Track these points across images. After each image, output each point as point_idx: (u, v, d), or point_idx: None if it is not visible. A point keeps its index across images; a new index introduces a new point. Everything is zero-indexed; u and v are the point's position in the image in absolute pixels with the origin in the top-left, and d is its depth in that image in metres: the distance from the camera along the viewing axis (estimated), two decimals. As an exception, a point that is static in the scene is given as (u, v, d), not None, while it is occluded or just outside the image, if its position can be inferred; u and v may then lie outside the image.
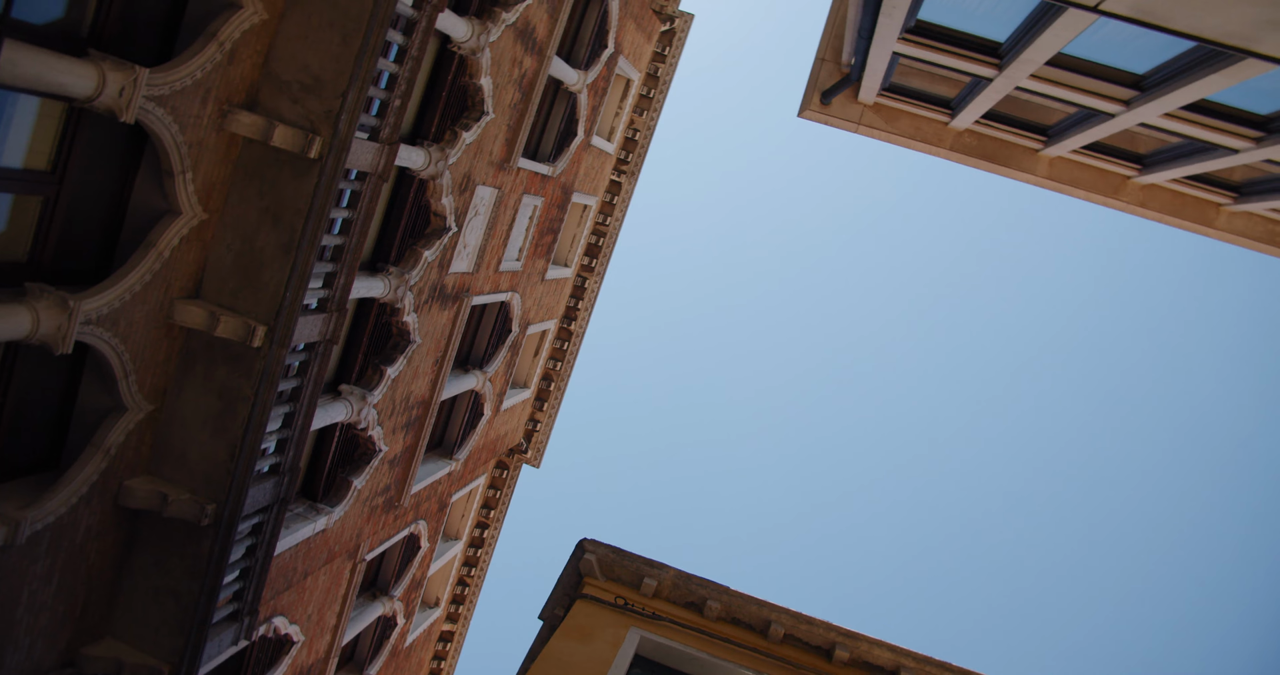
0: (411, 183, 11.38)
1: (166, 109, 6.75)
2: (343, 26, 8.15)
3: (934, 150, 13.48)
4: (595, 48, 16.08)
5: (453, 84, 11.52)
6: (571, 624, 11.23)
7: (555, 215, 17.06)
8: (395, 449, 13.12)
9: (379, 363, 11.83)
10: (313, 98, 8.26)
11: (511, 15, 11.68)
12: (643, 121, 20.16)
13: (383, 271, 11.23)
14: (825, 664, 11.63)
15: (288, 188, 8.30)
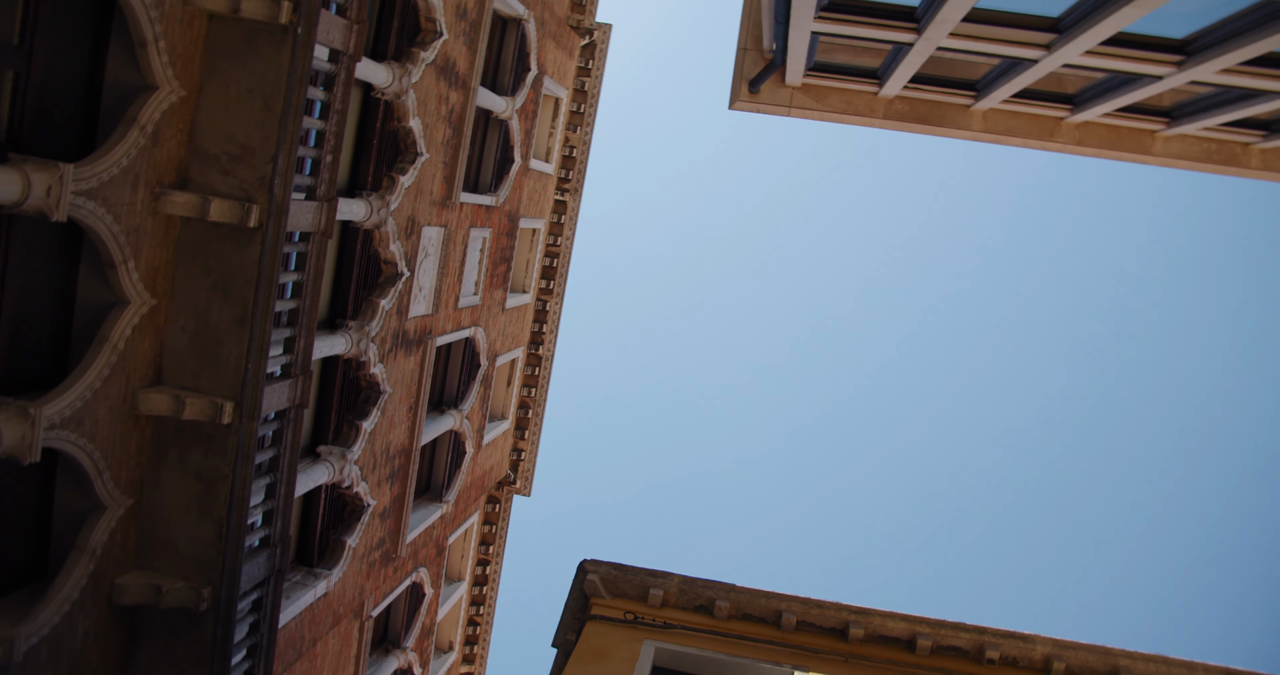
0: (357, 234, 11.33)
1: (98, 201, 6.69)
2: (262, 91, 8.12)
3: (868, 121, 13.59)
4: (519, 72, 16.08)
5: (382, 130, 11.48)
6: (585, 647, 11.21)
7: (506, 244, 17.04)
8: (383, 501, 13.03)
9: (353, 418, 11.76)
10: (243, 167, 8.21)
11: (430, 53, 11.66)
12: (578, 137, 20.18)
13: (342, 327, 11.17)
14: (841, 644, 11.68)
15: (233, 260, 8.24)
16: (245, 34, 8.00)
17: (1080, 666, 11.54)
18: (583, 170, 20.49)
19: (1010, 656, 11.66)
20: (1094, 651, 11.48)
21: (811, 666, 11.20)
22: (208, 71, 7.91)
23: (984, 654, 11.56)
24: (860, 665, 11.39)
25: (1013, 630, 11.59)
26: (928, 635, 11.60)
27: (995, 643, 11.54)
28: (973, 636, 11.62)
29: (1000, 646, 11.56)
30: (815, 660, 11.38)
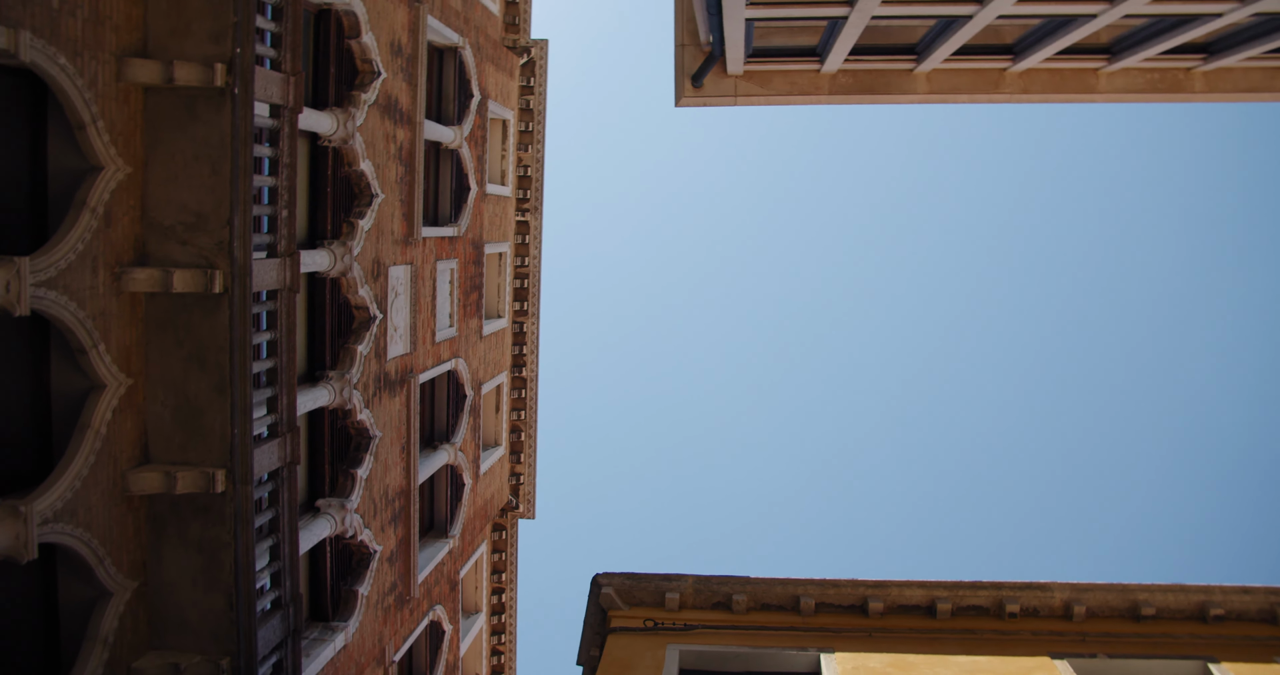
0: (324, 284, 11.29)
1: (59, 290, 6.65)
2: (208, 156, 8.09)
3: (815, 99, 13.67)
4: (462, 99, 16.07)
5: (334, 176, 11.45)
6: (610, 660, 11.18)
7: (474, 272, 17.01)
8: (389, 545, 12.98)
9: (347, 467, 11.71)
10: (200, 234, 8.18)
11: (371, 94, 11.64)
12: (530, 156, 20.18)
13: (323, 378, 11.12)
14: (863, 619, 11.70)
15: (203, 328, 8.20)
16: (183, 102, 7.98)
17: (1100, 606, 11.60)
18: (540, 188, 20.49)
19: (1030, 607, 11.70)
20: (1111, 590, 11.55)
21: (837, 646, 11.20)
22: (151, 144, 7.87)
23: (1004, 609, 11.60)
24: (884, 638, 11.42)
25: (1029, 581, 11.64)
26: (946, 598, 11.63)
27: (1014, 596, 11.59)
28: (991, 593, 11.66)
29: (1019, 599, 11.60)
30: (839, 640, 11.39)
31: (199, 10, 7.99)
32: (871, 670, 10.70)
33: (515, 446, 20.28)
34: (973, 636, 11.47)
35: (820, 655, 11.07)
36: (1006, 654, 10.99)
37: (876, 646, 11.27)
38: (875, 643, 11.35)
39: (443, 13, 14.52)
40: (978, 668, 10.75)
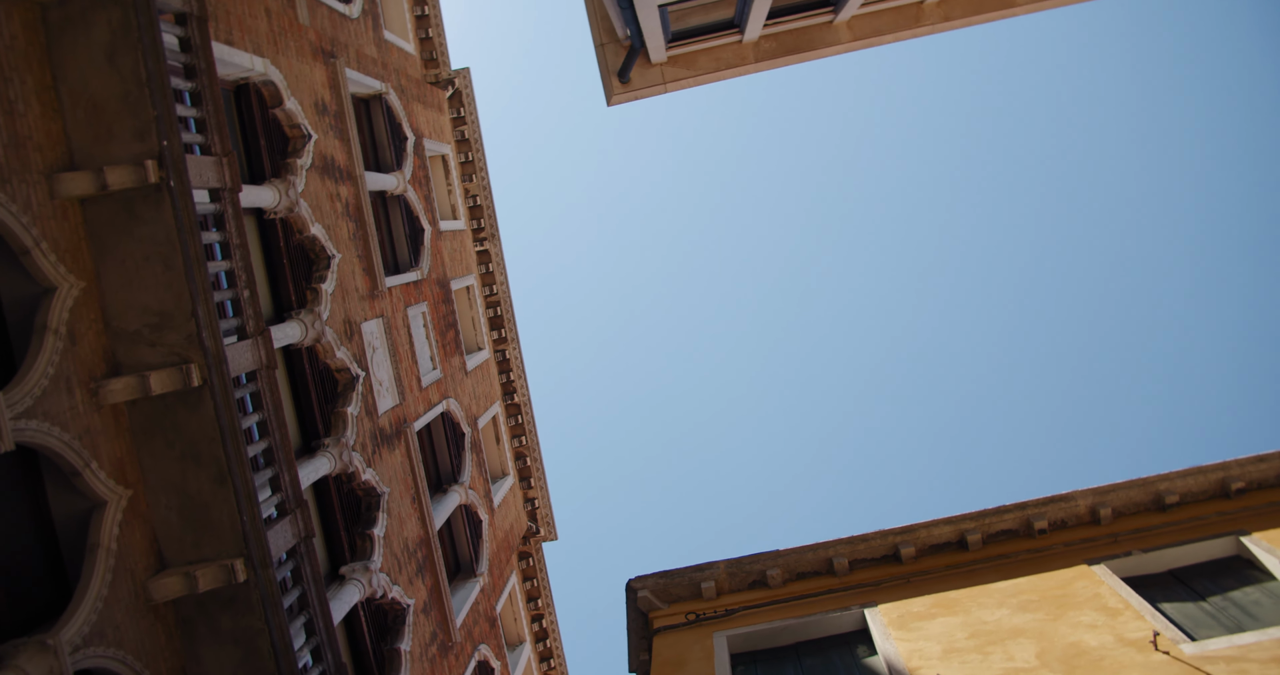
0: (301, 354, 11.23)
1: (39, 418, 6.58)
2: (159, 254, 8.03)
3: (743, 70, 13.67)
4: (397, 144, 16.01)
5: (288, 246, 11.38)
6: (660, 661, 11.15)
7: (446, 310, 16.96)
8: (421, 596, 12.94)
9: (363, 529, 11.66)
10: (167, 331, 8.12)
11: (306, 159, 11.58)
12: (476, 185, 20.12)
13: (320, 447, 11.07)
14: (898, 567, 11.72)
15: (190, 424, 8.14)
16: (122, 205, 7.91)
17: (1125, 505, 11.64)
18: (493, 214, 20.44)
19: (1058, 520, 11.73)
20: (1132, 486, 11.58)
21: (878, 599, 11.20)
22: (99, 253, 7.80)
23: (1033, 527, 11.62)
24: (923, 581, 11.43)
25: (1051, 495, 11.65)
26: (974, 529, 11.66)
27: (1039, 512, 11.61)
28: (1016, 514, 11.68)
29: (1045, 514, 11.62)
30: (879, 592, 11.39)
31: (117, 112, 7.92)
32: (916, 615, 10.70)
33: (523, 472, 20.25)
34: (1008, 561, 11.47)
35: (864, 611, 11.06)
36: (1044, 571, 11.01)
37: (916, 591, 11.27)
38: (915, 587, 11.35)
39: (360, 62, 14.45)
40: (1018, 590, 10.76)
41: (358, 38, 14.65)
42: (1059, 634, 9.63)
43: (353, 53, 14.12)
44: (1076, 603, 10.16)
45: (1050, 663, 9.16)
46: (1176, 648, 8.90)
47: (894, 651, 10.06)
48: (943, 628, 10.26)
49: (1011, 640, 9.75)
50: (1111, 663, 8.88)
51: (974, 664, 9.48)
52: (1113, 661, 8.90)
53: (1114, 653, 9.03)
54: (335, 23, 13.63)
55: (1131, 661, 8.83)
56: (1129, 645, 9.10)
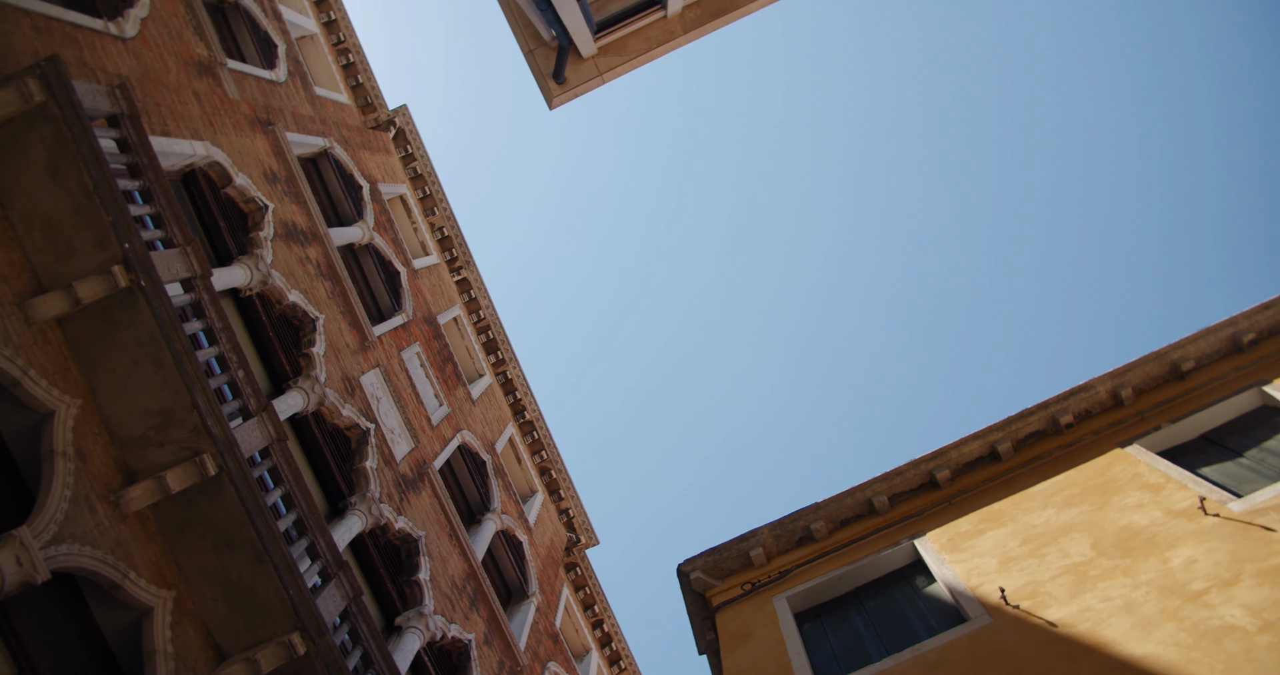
0: (308, 420, 11.22)
1: (67, 542, 6.57)
2: (147, 356, 8.01)
3: (674, 43, 13.62)
4: (353, 194, 15.96)
5: (271, 318, 11.36)
6: (727, 637, 11.11)
7: (439, 346, 16.95)
8: (480, 629, 12.97)
9: (408, 577, 11.67)
10: (172, 428, 8.11)
11: (267, 230, 11.54)
12: (440, 217, 20.08)
13: (347, 507, 11.07)
14: (937, 492, 11.68)
15: (216, 512, 8.15)
16: (99, 316, 7.89)
17: (1144, 381, 11.52)
18: (463, 242, 20.40)
19: (1082, 411, 11.62)
20: (1146, 361, 11.43)
21: (924, 527, 11.17)
22: (88, 367, 7.78)
23: (1059, 423, 11.52)
24: (964, 500, 11.36)
25: (1069, 388, 11.54)
26: (1003, 438, 11.58)
27: (1062, 407, 11.51)
28: (1039, 414, 11.58)
29: (1068, 407, 11.52)
30: (924, 520, 11.34)
31: (72, 225, 7.89)
32: (965, 534, 10.66)
33: (551, 486, 20.28)
34: (1042, 462, 11.38)
35: (913, 542, 11.02)
36: (1079, 463, 10.93)
37: (960, 511, 11.21)
38: (957, 508, 11.29)
39: (298, 123, 14.40)
40: (1059, 488, 10.69)
41: (290, 100, 14.59)
42: (1108, 521, 9.58)
43: (289, 116, 14.07)
44: (1118, 487, 10.08)
45: (1106, 550, 9.13)
46: (1225, 507, 8.86)
47: (951, 575, 10.02)
48: (993, 541, 10.22)
49: (1063, 537, 9.70)
50: (1165, 536, 8.85)
51: (1032, 568, 9.45)
52: (1166, 535, 8.87)
53: (1165, 526, 9.00)
54: (265, 90, 13.58)
55: (1184, 531, 8.80)
56: (1179, 516, 9.07)
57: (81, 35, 9.33)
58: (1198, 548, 8.48)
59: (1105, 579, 8.75)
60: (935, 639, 9.13)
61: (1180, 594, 8.02)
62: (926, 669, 8.81)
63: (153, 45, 10.66)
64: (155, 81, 10.48)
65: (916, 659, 9.00)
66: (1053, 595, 8.88)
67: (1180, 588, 8.09)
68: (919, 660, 8.96)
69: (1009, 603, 9.05)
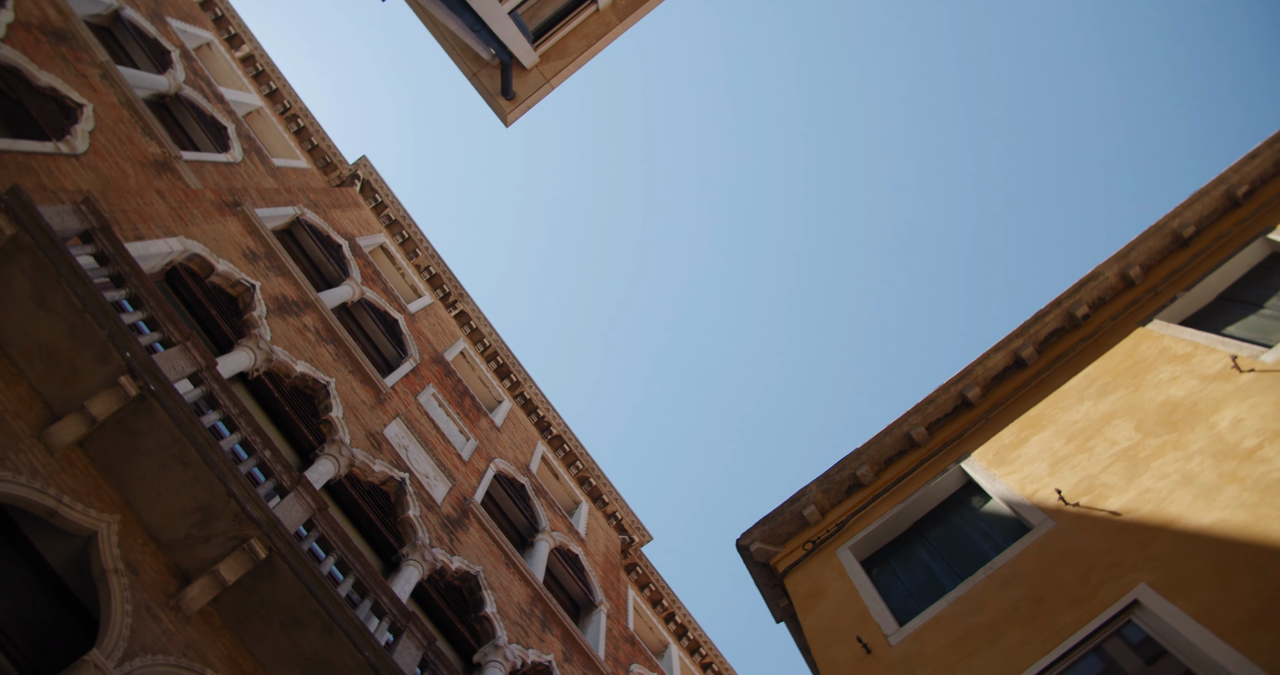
0: (342, 484, 11.25)
1: (139, 656, 6.61)
2: (173, 457, 8.04)
3: (612, 35, 13.54)
4: (334, 254, 15.97)
5: (283, 392, 11.38)
6: (801, 599, 11.01)
7: (453, 382, 16.97)
8: (556, 648, 13.01)
9: (475, 613, 11.71)
10: (214, 521, 8.14)
11: (260, 308, 11.56)
12: (423, 257, 20.08)
13: (401, 558, 11.11)
14: (972, 411, 11.51)
15: (276, 594, 8.18)
16: (117, 428, 7.91)
17: (1149, 257, 11.27)
18: (452, 277, 20.40)
19: (1095, 299, 11.40)
20: (1147, 237, 11.17)
21: (968, 448, 10.99)
22: (119, 482, 7.81)
23: (1076, 317, 11.29)
24: (1001, 413, 11.19)
25: (1078, 280, 11.31)
26: (1024, 343, 11.41)
27: (1075, 300, 11.28)
28: (1055, 312, 11.36)
29: (1080, 298, 11.30)
30: (966, 442, 11.16)
31: (71, 347, 7.91)
32: (1009, 446, 10.52)
33: (593, 494, 20.30)
34: (1068, 358, 11.18)
35: (960, 465, 10.83)
36: (1105, 351, 10.73)
37: (998, 425, 11.04)
38: (996, 422, 11.12)
39: (264, 198, 14.40)
40: (1091, 380, 10.51)
41: (252, 177, 14.59)
42: (1146, 400, 9.40)
43: (254, 192, 14.07)
44: (1148, 365, 9.91)
45: (1151, 429, 8.97)
46: (1258, 361, 8.68)
47: (1005, 488, 9.87)
48: (1039, 446, 10.07)
49: (1106, 427, 9.52)
50: (1206, 402, 8.70)
51: (1083, 464, 9.30)
52: (1207, 400, 8.71)
53: (1204, 393, 8.84)
54: (225, 173, 13.58)
55: (1223, 393, 8.62)
56: (1214, 379, 8.88)
57: (35, 161, 9.34)
58: (1241, 406, 8.30)
59: (1157, 458, 8.58)
60: (1004, 554, 8.96)
61: (1234, 455, 7.87)
62: (1002, 585, 8.68)
63: (106, 155, 10.66)
64: (117, 189, 10.49)
65: (990, 578, 8.86)
66: (1109, 485, 8.73)
67: (1233, 449, 7.93)
68: (993, 578, 8.84)
69: (1068, 502, 8.89)
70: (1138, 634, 7.19)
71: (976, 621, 8.62)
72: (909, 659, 8.93)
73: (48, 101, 10.50)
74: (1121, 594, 7.50)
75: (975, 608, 8.71)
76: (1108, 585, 7.75)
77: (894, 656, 9.12)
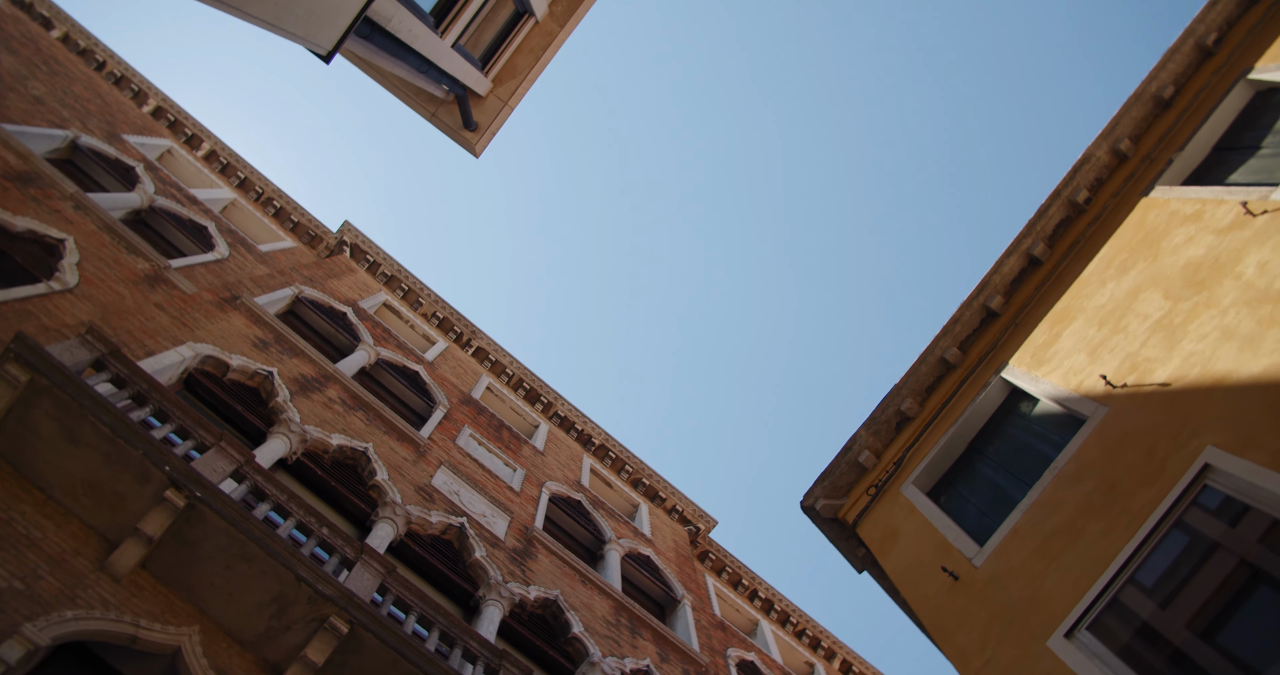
0: (404, 542, 11.30)
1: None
2: (235, 554, 8.13)
3: (559, 43, 13.54)
4: (341, 323, 16.03)
5: (325, 468, 11.45)
6: (877, 544, 10.83)
7: (486, 419, 17.02)
8: (650, 651, 13.04)
9: (564, 637, 11.74)
10: (291, 607, 8.21)
11: (281, 394, 11.63)
12: (428, 305, 20.14)
13: (479, 601, 11.16)
14: (999, 321, 11.18)
15: (368, 664, 8.32)
16: (175, 542, 7.99)
17: (1135, 126, 10.67)
18: (461, 318, 20.45)
19: (1093, 181, 10.85)
20: (1130, 106, 10.88)
21: (1004, 358, 10.66)
22: (188, 592, 7.90)
23: (1078, 202, 10.95)
24: (1028, 316, 10.86)
25: (1070, 167, 11.06)
26: (1034, 241, 10.96)
27: (1073, 188, 10.79)
28: (1056, 203, 10.84)
29: (1078, 183, 10.79)
30: (1001, 352, 10.82)
31: (111, 475, 7.97)
32: (1042, 345, 10.27)
33: (649, 493, 20.31)
34: (1080, 246, 10.86)
35: (1000, 376, 10.57)
36: (1114, 230, 10.45)
37: (1029, 327, 10.75)
38: (1025, 326, 10.83)
39: (260, 285, 14.48)
40: (1108, 261, 10.25)
41: (243, 268, 14.68)
42: (1167, 267, 9.15)
43: (249, 283, 14.16)
44: (1160, 232, 9.66)
45: (1180, 294, 8.73)
46: (1269, 201, 8.37)
47: (1050, 387, 9.64)
48: (1072, 338, 9.86)
49: (1134, 302, 9.28)
50: (1227, 254, 8.45)
51: (1120, 345, 9.08)
52: (1227, 252, 8.46)
53: (1223, 245, 8.60)
54: (216, 271, 13.66)
55: (1242, 241, 8.33)
56: (1230, 230, 8.61)
57: (31, 305, 9.43)
58: (1263, 250, 8.08)
59: (1192, 320, 8.32)
60: (1065, 452, 8.69)
61: (1268, 299, 7.59)
62: (1071, 482, 8.50)
63: (98, 282, 10.75)
64: (117, 312, 10.58)
65: (1057, 478, 8.66)
66: (1152, 359, 8.48)
67: (1265, 294, 7.68)
68: (1060, 477, 8.64)
69: (1115, 385, 8.61)
70: (1215, 497, 7.00)
71: (1054, 523, 8.40)
72: (997, 576, 8.73)
73: (29, 244, 10.59)
74: (1190, 462, 7.29)
75: (1050, 510, 8.48)
76: (1175, 456, 7.51)
77: (982, 577, 8.93)
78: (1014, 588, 8.39)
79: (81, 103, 15.45)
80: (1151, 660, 6.83)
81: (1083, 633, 7.24)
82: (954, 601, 9.20)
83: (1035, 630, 7.75)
